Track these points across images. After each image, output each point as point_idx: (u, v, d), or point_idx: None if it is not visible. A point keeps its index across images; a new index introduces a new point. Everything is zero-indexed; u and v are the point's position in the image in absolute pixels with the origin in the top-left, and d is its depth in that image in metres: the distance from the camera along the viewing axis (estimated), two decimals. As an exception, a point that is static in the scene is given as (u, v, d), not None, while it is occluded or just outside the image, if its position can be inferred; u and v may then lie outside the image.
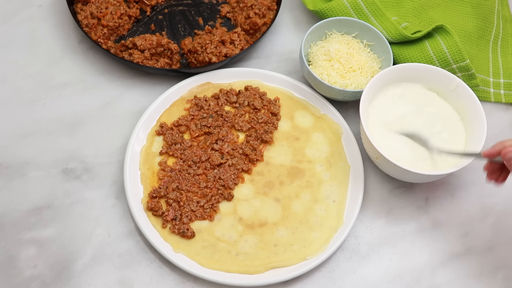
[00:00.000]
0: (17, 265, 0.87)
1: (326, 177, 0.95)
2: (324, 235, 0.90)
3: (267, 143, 0.98)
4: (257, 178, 0.95)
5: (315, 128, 1.00)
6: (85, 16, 1.04)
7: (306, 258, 0.88)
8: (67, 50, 1.07)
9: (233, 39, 1.03)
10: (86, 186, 0.94)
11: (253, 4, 1.08)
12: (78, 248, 0.89)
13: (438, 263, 0.91)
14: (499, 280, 0.91)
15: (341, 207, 0.93)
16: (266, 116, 0.99)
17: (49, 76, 1.04)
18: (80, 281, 0.86)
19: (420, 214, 0.95)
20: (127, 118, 1.00)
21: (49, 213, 0.91)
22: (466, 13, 1.14)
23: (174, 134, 0.96)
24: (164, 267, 0.88)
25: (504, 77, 1.09)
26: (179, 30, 1.09)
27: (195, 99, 1.00)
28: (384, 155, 0.87)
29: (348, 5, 1.07)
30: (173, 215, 0.90)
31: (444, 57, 1.02)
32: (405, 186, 0.97)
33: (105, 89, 1.03)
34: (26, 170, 0.94)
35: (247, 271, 0.87)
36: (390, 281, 0.90)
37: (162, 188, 0.91)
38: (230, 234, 0.90)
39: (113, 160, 0.96)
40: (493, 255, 0.93)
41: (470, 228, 0.94)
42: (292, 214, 0.92)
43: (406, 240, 0.93)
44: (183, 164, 0.94)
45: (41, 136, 0.98)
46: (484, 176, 0.98)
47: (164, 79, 1.04)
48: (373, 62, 1.03)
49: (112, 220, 0.91)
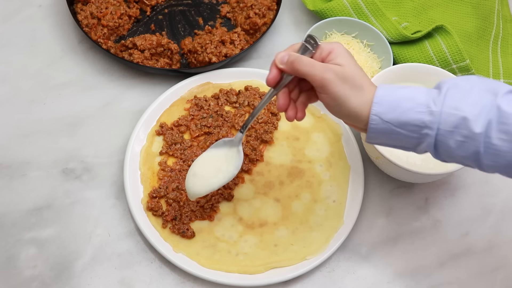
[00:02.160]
0: (17, 265, 0.87)
1: (326, 177, 0.95)
2: (324, 235, 0.90)
3: (267, 143, 0.98)
4: (257, 178, 0.95)
5: (315, 128, 1.00)
6: (85, 16, 1.04)
7: (306, 258, 0.88)
8: (67, 50, 1.07)
9: (233, 39, 1.04)
10: (86, 186, 0.94)
11: (253, 4, 1.08)
12: (78, 248, 0.89)
13: (438, 263, 0.91)
14: (499, 280, 0.91)
15: (341, 207, 0.93)
16: (266, 116, 0.99)
17: (49, 76, 1.04)
18: (80, 281, 0.86)
19: (420, 214, 0.95)
20: (127, 118, 1.00)
21: (49, 213, 0.91)
22: (466, 13, 1.14)
23: (174, 134, 0.96)
24: (164, 267, 0.88)
25: (504, 77, 1.09)
26: (179, 30, 1.09)
27: (195, 99, 1.00)
28: (384, 155, 0.87)
29: (348, 5, 1.07)
30: (173, 215, 0.90)
31: (444, 57, 1.02)
32: (405, 186, 0.97)
33: (105, 89, 1.03)
34: (26, 170, 0.94)
35: (247, 271, 0.87)
36: (390, 281, 0.90)
37: (162, 188, 0.91)
38: (230, 234, 0.90)
39: (113, 160, 0.96)
40: (493, 255, 0.93)
41: (470, 228, 0.94)
42: (292, 214, 0.92)
43: (406, 240, 0.93)
44: (183, 164, 0.94)
45: (41, 136, 0.98)
46: (483, 176, 0.98)
47: (164, 79, 1.04)
48: (373, 62, 1.03)
49: (112, 220, 0.91)
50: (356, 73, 0.70)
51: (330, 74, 0.69)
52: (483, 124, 0.65)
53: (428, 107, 0.67)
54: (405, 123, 0.68)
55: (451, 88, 0.68)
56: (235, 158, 0.84)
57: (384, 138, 0.71)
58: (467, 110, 0.66)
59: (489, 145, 0.65)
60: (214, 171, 0.84)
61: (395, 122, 0.68)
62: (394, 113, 0.68)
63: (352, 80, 0.69)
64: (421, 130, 0.68)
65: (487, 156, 0.66)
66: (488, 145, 0.65)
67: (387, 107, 0.68)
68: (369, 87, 0.70)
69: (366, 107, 0.69)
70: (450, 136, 0.67)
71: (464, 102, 0.66)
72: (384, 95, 0.69)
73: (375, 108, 0.68)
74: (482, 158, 0.66)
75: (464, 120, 0.66)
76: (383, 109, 0.68)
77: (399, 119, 0.68)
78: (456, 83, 0.68)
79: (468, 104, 0.66)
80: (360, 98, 0.69)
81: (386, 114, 0.68)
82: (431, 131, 0.67)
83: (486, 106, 0.65)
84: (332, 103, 0.71)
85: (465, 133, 0.66)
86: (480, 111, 0.65)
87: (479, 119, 0.65)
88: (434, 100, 0.67)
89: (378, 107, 0.68)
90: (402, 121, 0.68)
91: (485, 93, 0.66)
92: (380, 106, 0.68)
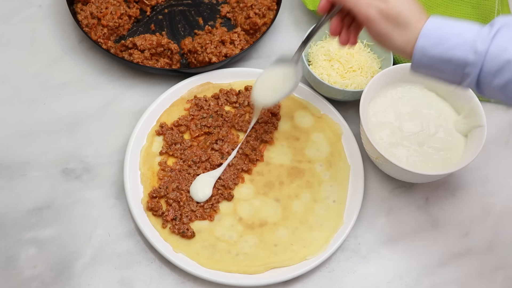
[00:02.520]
0: (17, 265, 0.87)
1: (326, 177, 0.95)
2: (324, 235, 0.90)
3: (267, 143, 0.98)
4: (257, 178, 0.95)
5: (315, 128, 1.00)
6: (85, 16, 1.04)
7: (306, 258, 0.88)
8: (67, 50, 1.07)
9: (233, 39, 1.03)
10: (86, 186, 0.94)
11: (253, 4, 1.08)
12: (78, 248, 0.89)
13: (438, 263, 0.91)
14: (499, 280, 0.91)
15: (341, 207, 0.93)
16: (266, 116, 0.99)
17: (49, 76, 1.04)
18: (80, 281, 0.86)
19: (420, 214, 0.95)
20: (127, 118, 1.00)
21: (49, 213, 0.91)
22: (466, 13, 1.14)
23: (174, 134, 0.96)
24: (164, 267, 0.88)
25: (504, 77, 1.09)
26: (179, 30, 1.09)
27: (195, 99, 1.00)
28: (384, 155, 0.87)
29: (348, 5, 1.06)
30: (173, 215, 0.90)
31: (444, 57, 1.02)
32: (405, 186, 0.97)
33: (105, 89, 1.03)
34: (26, 170, 0.94)
35: (247, 271, 0.87)
36: (390, 281, 0.90)
37: (162, 188, 0.91)
38: (230, 234, 0.90)
39: (113, 160, 0.96)
40: (493, 255, 0.92)
41: (470, 228, 0.94)
42: (292, 214, 0.92)
43: (406, 240, 0.93)
44: (183, 164, 0.94)
45: (41, 136, 0.98)
46: (484, 176, 0.98)
47: (164, 79, 1.04)
48: (373, 62, 1.03)
49: (112, 220, 0.91)
50: (402, 9, 0.68)
51: (373, 11, 0.68)
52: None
53: (474, 45, 0.65)
54: (448, 60, 0.67)
55: (503, 27, 0.66)
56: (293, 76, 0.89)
57: (427, 71, 0.70)
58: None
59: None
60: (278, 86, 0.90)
61: (439, 58, 0.67)
62: (439, 49, 0.67)
63: (396, 18, 0.68)
64: (463, 69, 0.66)
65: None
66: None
67: (433, 41, 0.67)
68: (416, 21, 0.68)
69: (411, 43, 0.68)
70: (493, 78, 0.65)
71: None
72: (433, 28, 0.68)
73: (421, 41, 0.67)
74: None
75: (509, 63, 0.64)
76: (428, 43, 0.67)
77: (443, 55, 0.67)
78: (508, 23, 0.66)
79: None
80: (404, 35, 0.68)
81: (430, 48, 0.67)
82: (474, 71, 0.66)
83: None
84: (377, 38, 0.71)
85: (509, 76, 0.64)
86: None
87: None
88: (482, 38, 0.66)
89: (424, 41, 0.67)
90: (445, 58, 0.67)
91: None
92: (426, 39, 0.67)
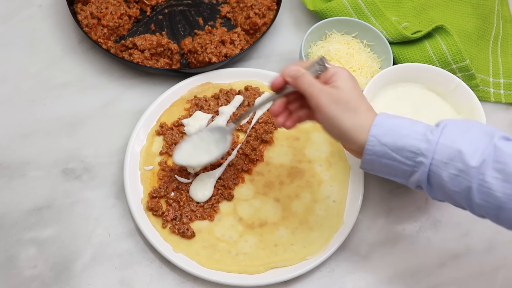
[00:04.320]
0: (17, 265, 0.87)
1: (326, 177, 0.95)
2: (324, 235, 0.90)
3: (267, 143, 0.98)
4: (257, 178, 0.95)
5: (315, 128, 1.00)
6: (85, 16, 1.04)
7: (306, 258, 0.88)
8: (67, 50, 1.07)
9: (233, 39, 1.04)
10: (86, 186, 0.94)
11: (253, 4, 1.08)
12: (78, 248, 0.89)
13: (438, 263, 0.91)
14: (499, 280, 0.91)
15: (341, 207, 0.93)
16: (266, 116, 0.99)
17: (49, 76, 1.04)
18: (80, 281, 0.86)
19: (420, 214, 0.95)
20: (127, 118, 1.00)
21: (49, 213, 0.91)
22: (466, 13, 1.14)
23: (174, 134, 0.96)
24: (164, 267, 0.88)
25: (504, 77, 1.09)
26: (179, 30, 1.09)
27: (195, 99, 1.00)
28: (384, 155, 0.87)
29: (348, 5, 1.07)
30: (173, 215, 0.90)
31: (444, 57, 1.02)
32: (405, 186, 0.97)
33: (105, 89, 1.03)
34: (26, 170, 0.94)
35: (247, 271, 0.87)
36: (390, 281, 0.90)
37: (162, 188, 0.91)
38: (230, 234, 0.90)
39: (113, 160, 0.96)
40: (493, 255, 0.93)
41: (470, 228, 0.95)
42: (292, 214, 0.92)
43: (406, 240, 0.93)
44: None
45: (41, 136, 0.98)
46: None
47: (164, 79, 1.04)
48: (373, 62, 1.03)
49: (112, 220, 0.91)
50: (352, 97, 0.72)
51: (325, 96, 0.72)
52: (479, 160, 0.67)
53: (425, 135, 0.69)
54: (401, 148, 0.70)
55: (449, 124, 0.70)
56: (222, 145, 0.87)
57: (379, 164, 0.73)
58: (464, 145, 0.68)
59: (482, 182, 0.67)
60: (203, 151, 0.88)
61: (392, 146, 0.70)
62: (392, 137, 0.70)
63: (346, 103, 0.72)
64: (416, 157, 0.70)
65: (479, 194, 0.67)
66: (481, 182, 0.67)
67: (385, 130, 0.71)
68: (365, 111, 0.73)
69: (361, 129, 0.71)
70: (444, 168, 0.68)
71: (461, 137, 0.68)
72: (384, 119, 0.72)
73: (374, 130, 0.71)
74: (474, 195, 0.67)
75: (459, 153, 0.67)
76: (381, 132, 0.71)
77: (396, 143, 0.70)
78: (454, 121, 0.71)
79: (465, 140, 0.68)
80: (353, 120, 0.72)
81: (383, 137, 0.70)
82: (426, 160, 0.69)
83: (482, 145, 0.67)
84: (326, 122, 0.73)
85: (459, 167, 0.67)
86: (476, 148, 0.67)
87: (475, 155, 0.67)
88: (431, 131, 0.70)
89: (377, 129, 0.71)
90: (398, 146, 0.70)
91: (482, 134, 0.69)
92: (378, 128, 0.71)
